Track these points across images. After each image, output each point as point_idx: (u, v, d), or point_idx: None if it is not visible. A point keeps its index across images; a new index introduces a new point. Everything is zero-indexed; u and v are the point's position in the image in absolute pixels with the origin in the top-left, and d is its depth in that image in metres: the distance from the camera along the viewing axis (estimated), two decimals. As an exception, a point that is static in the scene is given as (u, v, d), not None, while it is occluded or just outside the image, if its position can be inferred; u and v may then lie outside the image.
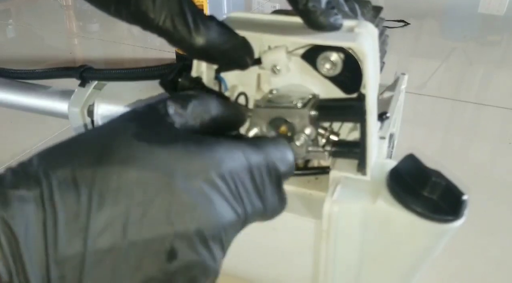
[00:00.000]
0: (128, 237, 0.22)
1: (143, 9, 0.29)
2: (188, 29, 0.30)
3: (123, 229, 0.22)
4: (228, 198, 0.25)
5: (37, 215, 0.21)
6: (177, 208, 0.23)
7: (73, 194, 0.22)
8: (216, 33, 0.30)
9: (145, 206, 0.23)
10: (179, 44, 0.30)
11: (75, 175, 0.22)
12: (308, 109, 0.33)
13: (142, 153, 0.24)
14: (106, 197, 0.22)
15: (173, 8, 0.29)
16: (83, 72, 0.53)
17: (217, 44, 0.31)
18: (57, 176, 0.22)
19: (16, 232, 0.20)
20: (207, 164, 0.25)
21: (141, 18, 0.30)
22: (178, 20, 0.29)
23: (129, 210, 0.22)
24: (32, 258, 0.21)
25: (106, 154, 0.23)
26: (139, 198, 0.23)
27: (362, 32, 0.32)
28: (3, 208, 0.21)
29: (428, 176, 0.30)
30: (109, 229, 0.22)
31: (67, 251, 0.21)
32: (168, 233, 0.23)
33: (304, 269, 0.37)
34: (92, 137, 0.25)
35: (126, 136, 0.24)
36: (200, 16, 0.30)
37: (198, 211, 0.24)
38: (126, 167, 0.23)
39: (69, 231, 0.21)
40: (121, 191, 0.22)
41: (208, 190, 0.24)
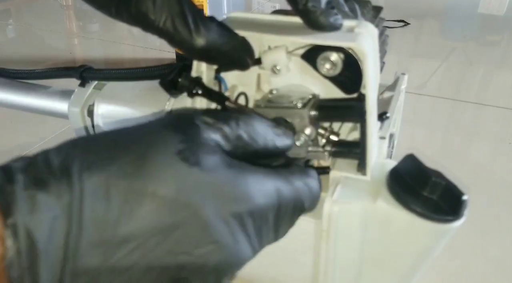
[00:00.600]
0: (148, 259, 0.22)
1: (144, 10, 0.29)
2: (188, 30, 0.30)
3: (144, 250, 0.22)
4: (251, 236, 0.25)
5: (61, 226, 0.20)
6: (200, 240, 0.23)
7: (103, 207, 0.21)
8: (216, 34, 0.30)
9: (171, 231, 0.22)
10: (179, 45, 0.30)
11: (109, 184, 0.21)
12: (308, 109, 0.33)
13: (181, 175, 0.23)
14: (135, 214, 0.21)
15: (173, 9, 0.29)
16: (83, 72, 0.53)
17: (217, 45, 0.31)
18: (91, 183, 0.21)
19: (37, 242, 0.20)
20: (240, 198, 0.24)
21: (141, 20, 0.30)
22: (179, 21, 0.29)
23: (155, 232, 0.22)
24: (48, 269, 0.20)
25: (145, 167, 0.22)
26: (167, 222, 0.22)
27: (362, 32, 0.32)
28: (29, 215, 0.20)
29: (428, 176, 0.30)
30: (131, 249, 0.21)
31: (85, 266, 0.21)
32: (187, 263, 0.22)
33: (304, 269, 0.37)
34: (131, 142, 0.23)
35: (168, 150, 0.23)
36: (201, 17, 0.30)
37: (220, 247, 0.23)
38: (160, 188, 0.22)
39: (92, 245, 0.21)
40: (152, 212, 0.22)
41: (234, 227, 0.24)
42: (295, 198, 0.27)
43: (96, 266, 0.21)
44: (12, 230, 0.19)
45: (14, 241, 0.19)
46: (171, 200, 0.22)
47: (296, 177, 0.28)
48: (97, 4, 0.31)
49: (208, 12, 1.07)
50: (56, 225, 0.20)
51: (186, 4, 0.30)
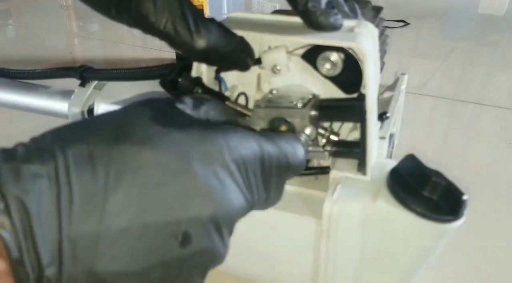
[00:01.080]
0: (144, 219, 0.22)
1: (144, 12, 0.29)
2: (189, 32, 0.30)
3: (139, 210, 0.22)
4: (240, 184, 0.25)
5: (51, 191, 0.21)
6: (192, 192, 0.23)
7: (90, 172, 0.21)
8: (217, 36, 0.31)
9: (162, 188, 0.22)
10: (180, 47, 0.30)
11: (92, 152, 0.22)
12: (308, 109, 0.33)
13: (160, 134, 0.23)
14: (123, 177, 0.22)
15: (174, 11, 0.29)
16: (83, 72, 0.53)
17: (218, 47, 0.31)
18: (73, 152, 0.22)
19: (28, 208, 0.20)
20: (223, 149, 0.25)
21: (142, 22, 0.30)
22: (179, 23, 0.29)
23: (146, 191, 0.22)
24: (44, 235, 0.20)
25: (123, 134, 0.23)
26: (156, 180, 0.22)
27: (362, 32, 0.32)
28: (15, 183, 0.20)
29: (428, 176, 0.30)
30: (125, 209, 0.21)
31: (81, 229, 0.21)
32: (183, 218, 0.23)
33: (304, 269, 0.37)
34: (107, 118, 0.24)
35: (143, 118, 0.24)
36: (201, 19, 0.30)
37: (213, 196, 0.23)
38: (144, 147, 0.23)
39: (84, 209, 0.21)
40: (138, 171, 0.22)
41: (222, 175, 0.24)
42: (278, 153, 0.27)
43: (93, 230, 0.21)
44: (2, 199, 0.19)
45: (6, 209, 0.19)
46: (154, 159, 0.22)
47: (278, 135, 0.29)
48: (97, 6, 0.31)
49: (208, 12, 1.07)
50: (45, 191, 0.20)
51: (186, 5, 0.30)
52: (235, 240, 0.26)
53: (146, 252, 0.22)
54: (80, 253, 0.21)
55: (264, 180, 0.27)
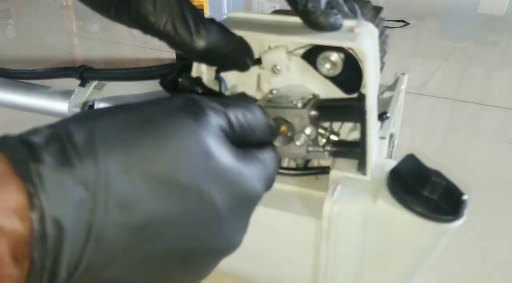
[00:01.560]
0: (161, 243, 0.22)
1: (144, 13, 0.29)
2: (189, 32, 0.30)
3: (159, 234, 0.22)
4: (247, 223, 0.26)
5: (88, 207, 0.20)
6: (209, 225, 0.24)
7: (128, 189, 0.21)
8: (216, 36, 0.31)
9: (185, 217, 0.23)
10: (180, 47, 0.30)
11: (132, 167, 0.21)
12: (308, 109, 0.33)
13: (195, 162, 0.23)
14: (155, 198, 0.22)
15: (174, 12, 0.29)
16: (83, 72, 0.53)
17: (218, 47, 0.31)
18: (116, 165, 0.21)
19: (64, 227, 0.19)
20: (246, 187, 0.25)
21: (141, 22, 0.30)
22: (179, 23, 0.29)
23: (171, 217, 0.22)
24: (70, 250, 0.20)
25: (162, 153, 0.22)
26: (182, 207, 0.22)
27: (362, 32, 0.32)
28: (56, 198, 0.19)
29: (428, 176, 0.30)
30: (149, 232, 0.22)
31: (106, 245, 0.21)
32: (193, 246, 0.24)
33: (304, 269, 0.37)
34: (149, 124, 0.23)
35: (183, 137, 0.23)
36: (201, 19, 0.30)
37: (224, 232, 0.24)
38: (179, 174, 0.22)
39: (115, 226, 0.21)
40: (169, 197, 0.22)
41: (238, 214, 0.25)
42: (272, 179, 0.28)
43: (117, 247, 0.21)
44: (38, 213, 0.19)
45: (40, 224, 0.19)
46: (187, 187, 0.22)
47: (272, 159, 0.29)
48: (96, 6, 0.31)
49: (208, 12, 1.07)
50: (83, 208, 0.20)
51: (186, 6, 0.30)
52: None
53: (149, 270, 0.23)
54: (94, 264, 0.21)
55: None
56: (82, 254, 0.20)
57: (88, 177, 0.20)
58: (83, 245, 0.20)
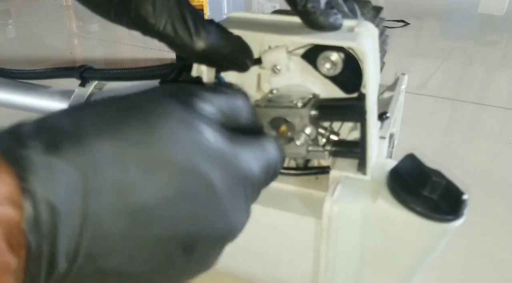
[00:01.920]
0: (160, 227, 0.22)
1: (143, 14, 0.29)
2: (188, 33, 0.29)
3: (158, 218, 0.22)
4: (248, 201, 0.26)
5: (80, 189, 0.20)
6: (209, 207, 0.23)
7: (120, 172, 0.21)
8: (216, 37, 0.30)
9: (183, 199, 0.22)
10: (180, 48, 0.30)
11: (122, 151, 0.21)
12: (308, 108, 0.33)
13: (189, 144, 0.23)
14: (150, 182, 0.21)
15: (173, 13, 0.29)
16: (83, 72, 0.53)
17: (217, 48, 0.31)
18: (105, 149, 0.21)
19: (57, 208, 0.19)
20: (242, 167, 0.25)
21: (141, 24, 0.30)
22: (179, 24, 0.29)
23: (169, 200, 0.22)
24: (67, 235, 0.19)
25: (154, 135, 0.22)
26: (180, 189, 0.22)
27: (362, 32, 0.32)
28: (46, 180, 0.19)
29: (428, 176, 0.30)
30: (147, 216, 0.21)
31: (104, 231, 0.20)
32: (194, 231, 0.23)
33: (304, 269, 0.37)
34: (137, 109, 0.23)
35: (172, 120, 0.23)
36: (200, 20, 0.30)
37: (226, 217, 0.24)
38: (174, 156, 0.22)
39: (111, 210, 0.20)
40: (165, 180, 0.22)
41: (238, 195, 0.24)
42: (275, 168, 0.28)
43: (115, 233, 0.21)
44: (30, 197, 0.19)
45: (33, 208, 0.19)
46: (182, 168, 0.22)
47: (272, 147, 0.29)
48: (96, 8, 0.31)
49: (208, 12, 1.07)
50: (75, 192, 0.20)
51: (185, 7, 0.30)
52: (235, 240, 0.26)
53: (150, 257, 0.22)
54: (94, 252, 0.20)
55: (257, 194, 0.27)
56: (80, 241, 0.20)
57: (78, 161, 0.20)
58: (80, 231, 0.20)
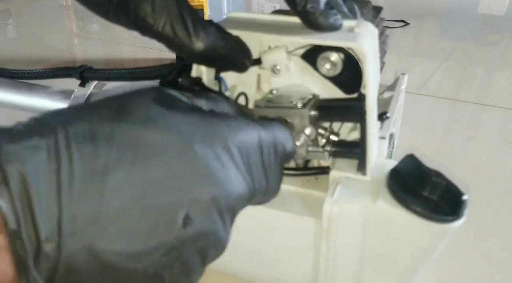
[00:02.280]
0: (146, 199, 0.22)
1: (142, 14, 0.29)
2: (188, 34, 0.29)
3: (139, 189, 0.21)
4: (241, 169, 0.25)
5: (51, 164, 0.20)
6: (195, 174, 0.23)
7: (91, 148, 0.21)
8: (215, 38, 0.30)
9: (164, 169, 0.22)
10: (178, 49, 0.30)
11: (93, 129, 0.22)
12: (308, 109, 0.33)
13: (162, 116, 0.23)
14: (124, 155, 0.21)
15: (172, 13, 0.29)
16: (83, 72, 0.53)
17: (216, 49, 0.31)
18: (74, 129, 0.21)
19: (27, 179, 0.19)
20: (224, 133, 0.25)
21: (140, 24, 0.30)
22: (178, 25, 0.29)
23: (148, 171, 0.22)
24: (43, 207, 0.19)
25: (125, 113, 0.23)
26: (158, 160, 0.22)
27: (362, 32, 0.32)
28: (14, 154, 0.19)
29: (428, 176, 0.30)
30: (127, 188, 0.21)
31: (82, 205, 0.20)
32: (184, 199, 0.22)
33: (304, 269, 0.37)
34: (109, 99, 0.24)
35: (145, 99, 0.24)
36: (199, 21, 0.30)
37: (215, 178, 0.23)
38: (146, 127, 0.22)
39: (85, 184, 0.20)
40: (141, 151, 0.22)
41: (224, 158, 0.24)
42: (274, 140, 0.28)
43: (94, 207, 0.21)
44: (0, 172, 0.19)
45: (3, 181, 0.19)
46: (157, 139, 0.22)
47: (271, 123, 0.29)
48: (95, 8, 0.31)
49: (208, 12, 1.07)
50: (44, 164, 0.20)
51: (184, 7, 0.29)
52: (235, 240, 0.26)
53: (146, 233, 0.22)
54: (80, 229, 0.20)
55: (264, 167, 0.27)
56: (60, 215, 0.20)
57: (47, 137, 0.20)
58: (58, 203, 0.20)
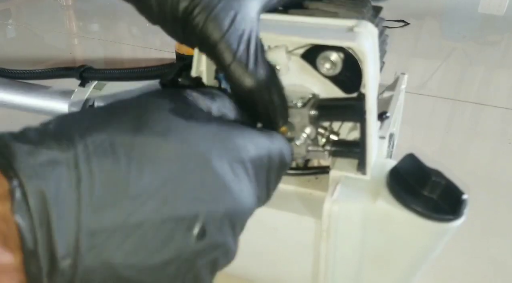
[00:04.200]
0: (164, 211, 0.21)
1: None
2: (245, 65, 0.28)
3: (160, 202, 0.21)
4: (253, 182, 0.25)
5: (71, 180, 0.19)
6: (212, 187, 0.23)
7: (111, 161, 0.21)
8: (269, 79, 0.30)
9: (183, 181, 0.22)
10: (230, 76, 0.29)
11: (113, 142, 0.21)
12: (308, 108, 0.33)
13: (180, 128, 0.23)
14: (144, 167, 0.21)
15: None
16: (83, 72, 0.53)
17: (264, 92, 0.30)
18: (93, 141, 0.21)
19: (47, 196, 0.19)
20: (240, 146, 0.25)
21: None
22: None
23: (167, 184, 0.22)
24: (62, 225, 0.19)
25: (144, 124, 0.22)
26: (177, 172, 0.22)
27: (362, 32, 0.32)
28: (33, 169, 0.19)
29: (428, 176, 0.30)
30: (146, 201, 0.21)
31: (101, 220, 0.20)
32: (202, 211, 0.22)
33: (304, 269, 0.37)
34: (125, 108, 0.24)
35: (163, 110, 0.24)
36: (262, 55, 0.29)
37: (230, 191, 0.24)
38: (165, 139, 0.22)
39: (105, 199, 0.20)
40: (159, 164, 0.22)
41: (239, 172, 0.24)
42: (280, 154, 0.28)
43: (112, 222, 0.20)
44: (19, 189, 0.18)
45: (23, 199, 0.18)
46: (175, 151, 0.22)
47: (273, 133, 0.29)
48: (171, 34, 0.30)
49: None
50: (64, 178, 0.19)
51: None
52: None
53: (163, 246, 0.22)
54: (98, 245, 0.20)
55: (267, 180, 0.27)
56: (78, 230, 0.19)
57: (66, 152, 0.20)
58: (76, 218, 0.19)
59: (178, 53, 1.08)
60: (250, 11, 0.29)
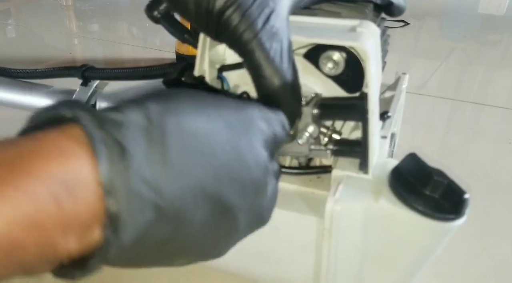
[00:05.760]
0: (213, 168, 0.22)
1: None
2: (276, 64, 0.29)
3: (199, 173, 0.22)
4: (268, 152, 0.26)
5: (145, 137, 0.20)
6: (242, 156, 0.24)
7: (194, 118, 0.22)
8: (295, 78, 0.30)
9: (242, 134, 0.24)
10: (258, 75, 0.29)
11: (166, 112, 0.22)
12: (310, 107, 0.33)
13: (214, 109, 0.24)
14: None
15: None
16: (84, 71, 0.53)
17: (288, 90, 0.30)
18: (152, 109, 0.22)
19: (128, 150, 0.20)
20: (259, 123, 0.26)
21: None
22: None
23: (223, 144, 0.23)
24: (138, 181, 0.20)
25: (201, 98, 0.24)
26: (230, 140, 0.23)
27: (364, 32, 0.33)
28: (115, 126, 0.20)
29: (430, 175, 0.31)
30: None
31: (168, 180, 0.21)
32: None
33: (306, 268, 0.37)
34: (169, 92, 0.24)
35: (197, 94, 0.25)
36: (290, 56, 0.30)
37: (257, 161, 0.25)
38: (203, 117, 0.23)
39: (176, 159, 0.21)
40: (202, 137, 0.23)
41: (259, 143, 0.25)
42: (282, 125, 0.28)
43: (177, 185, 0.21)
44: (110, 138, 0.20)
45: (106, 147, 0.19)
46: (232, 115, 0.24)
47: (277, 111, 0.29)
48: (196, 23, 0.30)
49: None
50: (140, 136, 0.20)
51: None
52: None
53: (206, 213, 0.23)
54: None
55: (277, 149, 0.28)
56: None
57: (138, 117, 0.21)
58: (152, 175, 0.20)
59: (178, 53, 1.08)
60: (283, 11, 0.29)
